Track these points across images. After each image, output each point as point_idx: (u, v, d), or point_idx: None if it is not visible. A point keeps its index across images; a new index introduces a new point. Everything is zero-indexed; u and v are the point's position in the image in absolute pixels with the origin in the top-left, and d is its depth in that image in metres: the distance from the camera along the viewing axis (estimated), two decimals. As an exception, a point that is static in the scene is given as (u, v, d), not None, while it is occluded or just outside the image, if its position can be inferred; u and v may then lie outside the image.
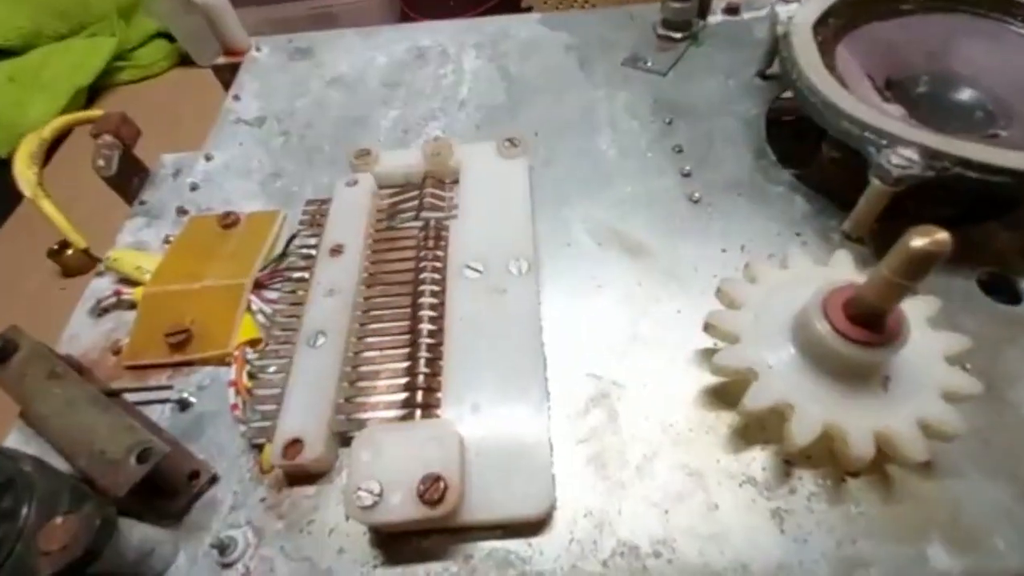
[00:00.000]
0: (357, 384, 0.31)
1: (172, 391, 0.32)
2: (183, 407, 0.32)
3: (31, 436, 0.30)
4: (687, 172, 0.41)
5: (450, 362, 0.31)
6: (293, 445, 0.28)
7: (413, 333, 0.32)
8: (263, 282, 0.36)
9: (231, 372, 0.32)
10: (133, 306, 0.36)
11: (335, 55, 0.55)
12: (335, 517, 0.28)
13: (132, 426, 0.26)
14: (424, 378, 0.30)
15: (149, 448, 0.25)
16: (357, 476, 0.25)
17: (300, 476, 0.29)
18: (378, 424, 0.29)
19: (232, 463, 0.30)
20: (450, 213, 0.38)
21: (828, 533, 0.26)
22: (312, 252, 0.37)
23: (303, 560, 0.26)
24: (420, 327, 0.32)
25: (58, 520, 0.22)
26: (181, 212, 0.42)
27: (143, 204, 0.43)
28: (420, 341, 0.31)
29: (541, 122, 0.46)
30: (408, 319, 0.33)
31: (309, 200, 0.40)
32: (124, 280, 0.38)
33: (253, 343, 0.33)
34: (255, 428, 0.30)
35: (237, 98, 0.51)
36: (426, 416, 0.29)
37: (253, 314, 0.35)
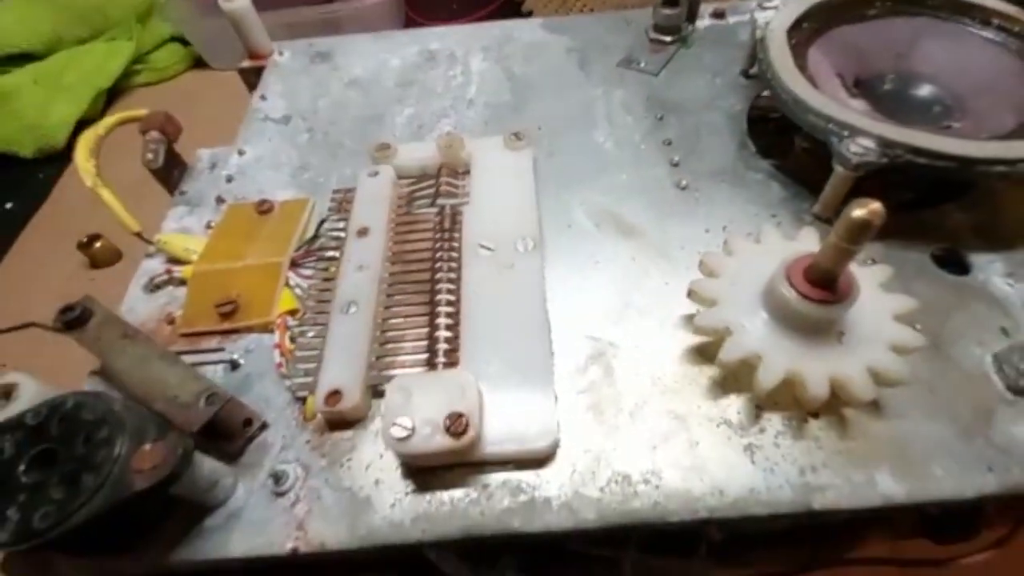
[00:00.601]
0: (386, 346, 0.35)
1: (223, 353, 0.37)
2: (233, 367, 0.36)
3: (104, 389, 0.34)
4: (676, 162, 0.45)
5: (466, 325, 0.35)
6: (333, 395, 0.32)
7: (433, 303, 0.37)
8: (298, 261, 0.41)
9: (275, 337, 0.37)
10: (182, 282, 0.41)
11: (352, 58, 0.59)
12: (371, 455, 0.32)
13: (198, 375, 0.31)
14: (445, 339, 0.35)
15: (215, 393, 0.30)
16: (391, 414, 0.29)
17: (339, 422, 0.33)
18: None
19: (279, 413, 0.34)
20: (463, 199, 0.42)
21: (792, 464, 0.30)
22: (340, 235, 0.41)
23: (344, 490, 0.31)
24: (439, 297, 0.36)
25: (147, 447, 0.26)
26: (220, 201, 0.47)
27: (183, 194, 0.48)
28: (440, 309, 0.36)
29: (544, 118, 0.50)
30: (428, 291, 0.37)
31: (335, 189, 0.45)
32: (172, 260, 0.42)
33: (292, 313, 0.38)
34: (299, 383, 0.34)
35: (264, 98, 0.56)
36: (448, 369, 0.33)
37: (291, 288, 0.39)
